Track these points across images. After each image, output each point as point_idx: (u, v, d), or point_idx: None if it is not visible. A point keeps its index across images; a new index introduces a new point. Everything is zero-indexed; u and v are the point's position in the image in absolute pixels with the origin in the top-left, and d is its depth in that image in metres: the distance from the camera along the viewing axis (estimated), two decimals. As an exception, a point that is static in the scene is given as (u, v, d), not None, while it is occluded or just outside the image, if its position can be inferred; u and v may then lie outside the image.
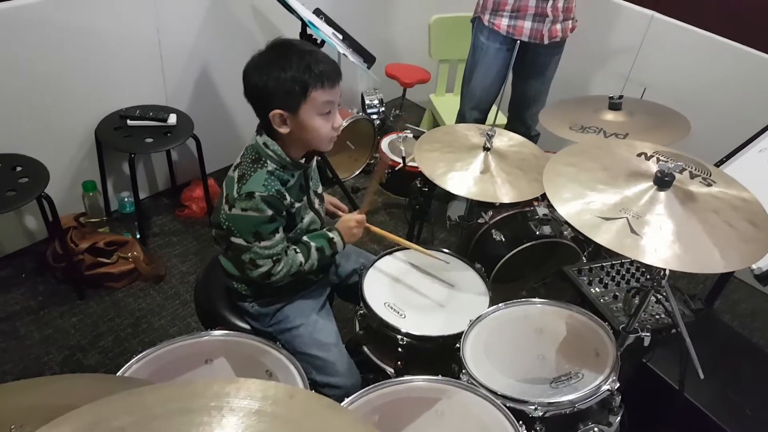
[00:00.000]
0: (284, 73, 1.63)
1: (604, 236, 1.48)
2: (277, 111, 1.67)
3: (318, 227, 1.95)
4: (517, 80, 3.23)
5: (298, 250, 1.84)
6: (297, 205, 1.82)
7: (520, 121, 3.30)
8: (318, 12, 3.25)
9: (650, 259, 1.43)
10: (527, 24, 2.86)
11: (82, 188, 3.10)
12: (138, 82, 3.15)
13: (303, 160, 1.82)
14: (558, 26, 2.89)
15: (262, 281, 1.81)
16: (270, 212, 1.71)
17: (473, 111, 3.21)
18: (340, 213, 2.13)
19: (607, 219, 1.52)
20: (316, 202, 1.96)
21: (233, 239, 1.76)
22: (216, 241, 1.94)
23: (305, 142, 1.77)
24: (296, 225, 1.87)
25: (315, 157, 1.90)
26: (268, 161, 1.74)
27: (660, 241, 1.46)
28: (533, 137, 3.29)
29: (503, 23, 2.89)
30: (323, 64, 1.67)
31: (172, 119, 3.07)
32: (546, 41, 2.91)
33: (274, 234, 1.75)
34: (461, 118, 3.29)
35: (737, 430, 1.82)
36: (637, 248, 1.45)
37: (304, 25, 2.89)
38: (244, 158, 1.76)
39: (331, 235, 1.92)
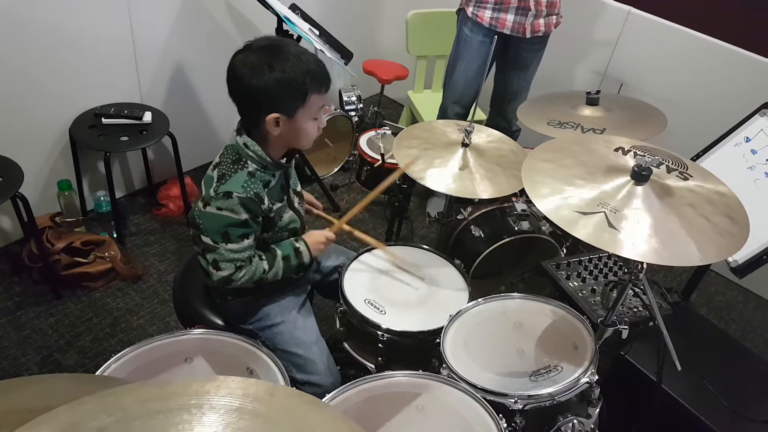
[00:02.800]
0: (284, 75, 1.61)
1: (583, 231, 1.49)
2: (274, 115, 1.65)
3: (297, 225, 1.94)
4: (499, 75, 3.24)
5: (263, 257, 1.82)
6: (277, 205, 1.81)
7: (501, 116, 3.31)
8: (294, 7, 3.24)
9: (628, 253, 1.45)
10: (510, 17, 2.87)
11: (58, 188, 3.06)
12: (112, 79, 3.11)
13: (284, 160, 1.81)
14: (541, 21, 2.91)
15: (221, 285, 1.78)
16: (244, 216, 1.69)
17: (455, 105, 3.21)
18: (314, 210, 2.13)
19: (585, 214, 1.53)
20: (296, 200, 1.95)
21: (202, 237, 1.73)
22: (194, 241, 1.92)
23: (290, 142, 1.76)
24: (275, 224, 1.85)
25: (294, 157, 1.90)
26: (249, 162, 1.72)
27: (637, 235, 1.47)
28: (514, 132, 3.30)
29: (486, 15, 2.90)
30: (318, 66, 1.67)
31: (148, 117, 3.04)
32: (528, 35, 2.92)
33: (243, 239, 1.73)
34: (443, 113, 3.30)
35: (714, 420, 1.84)
36: (615, 242, 1.46)
37: (280, 20, 2.88)
38: (224, 158, 1.74)
39: (297, 244, 1.89)
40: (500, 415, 1.58)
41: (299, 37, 2.83)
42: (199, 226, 1.72)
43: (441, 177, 2.11)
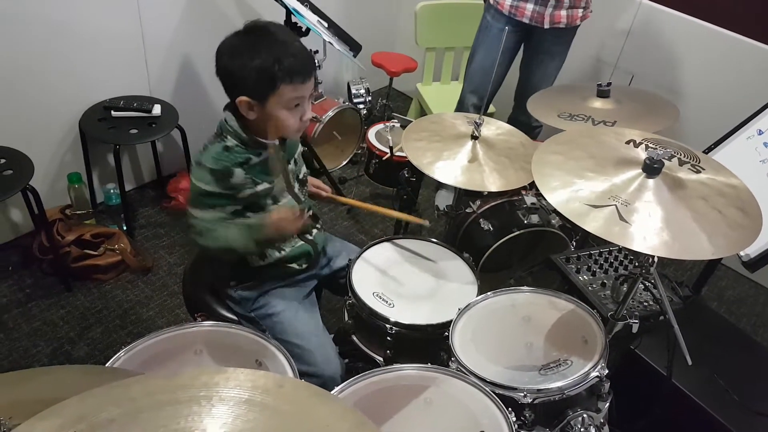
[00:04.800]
0: (252, 63, 1.63)
1: (593, 224, 1.48)
2: (244, 98, 1.68)
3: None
4: (522, 68, 3.22)
5: (230, 226, 1.79)
6: (260, 187, 1.80)
7: (523, 111, 3.26)
8: None
9: (639, 246, 1.44)
10: (530, 6, 2.86)
11: (68, 180, 3.07)
12: (121, 72, 3.12)
13: (276, 142, 1.81)
14: (562, 12, 2.87)
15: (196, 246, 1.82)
16: (209, 188, 1.72)
17: (472, 95, 3.20)
18: (323, 193, 2.14)
19: (596, 207, 1.52)
20: (296, 186, 1.96)
21: None
22: None
23: (271, 128, 1.76)
24: (264, 207, 1.85)
25: (287, 141, 1.90)
26: (229, 137, 1.75)
27: (648, 229, 1.46)
28: (535, 128, 3.25)
29: (507, 3, 2.89)
30: (294, 58, 1.66)
31: (157, 110, 3.05)
32: (546, 25, 2.89)
33: (207, 209, 1.75)
34: (460, 104, 3.29)
35: (725, 416, 1.84)
36: (626, 236, 1.45)
37: (289, 12, 2.88)
38: (214, 132, 1.79)
39: (258, 219, 1.83)
40: (509, 409, 1.58)
41: (308, 30, 2.82)
42: None
43: (450, 169, 2.10)
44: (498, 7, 2.93)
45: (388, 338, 1.90)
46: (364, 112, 3.74)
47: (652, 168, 1.56)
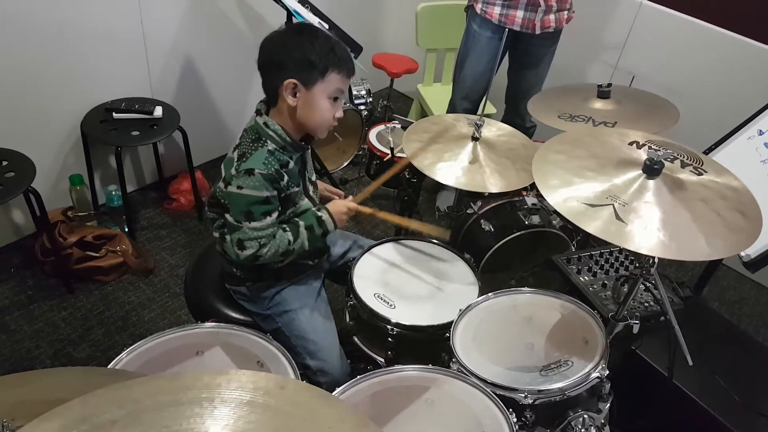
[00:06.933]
0: (311, 47, 1.69)
1: (591, 223, 1.49)
2: (292, 80, 1.70)
3: None
4: (512, 71, 3.22)
5: (287, 228, 1.84)
6: (294, 189, 1.84)
7: (516, 113, 3.29)
8: (303, 1, 3.23)
9: (636, 246, 1.44)
10: (519, 13, 2.85)
11: (69, 182, 3.08)
12: (123, 74, 3.12)
13: (302, 143, 1.84)
14: (551, 17, 2.88)
15: (248, 263, 1.81)
16: (266, 193, 1.72)
17: (464, 101, 3.20)
18: (336, 197, 2.14)
19: (594, 206, 1.52)
20: (311, 189, 1.99)
21: (227, 216, 1.77)
22: (211, 221, 1.93)
23: (305, 122, 1.79)
24: (289, 209, 1.88)
25: (311, 141, 1.92)
26: (269, 141, 1.76)
27: (646, 229, 1.46)
28: (528, 129, 3.27)
29: (495, 12, 2.88)
30: (344, 53, 1.76)
31: (158, 112, 3.05)
32: (538, 31, 2.90)
33: (265, 217, 1.75)
34: (452, 108, 3.29)
35: (726, 416, 1.83)
36: (623, 235, 1.46)
37: (290, 14, 2.88)
38: (244, 139, 1.78)
39: (320, 213, 1.91)
40: (510, 410, 1.58)
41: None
42: (225, 205, 1.76)
43: (451, 171, 2.10)
44: (486, 16, 2.92)
45: (390, 339, 1.90)
46: (365, 113, 3.74)
47: (652, 169, 1.57)
